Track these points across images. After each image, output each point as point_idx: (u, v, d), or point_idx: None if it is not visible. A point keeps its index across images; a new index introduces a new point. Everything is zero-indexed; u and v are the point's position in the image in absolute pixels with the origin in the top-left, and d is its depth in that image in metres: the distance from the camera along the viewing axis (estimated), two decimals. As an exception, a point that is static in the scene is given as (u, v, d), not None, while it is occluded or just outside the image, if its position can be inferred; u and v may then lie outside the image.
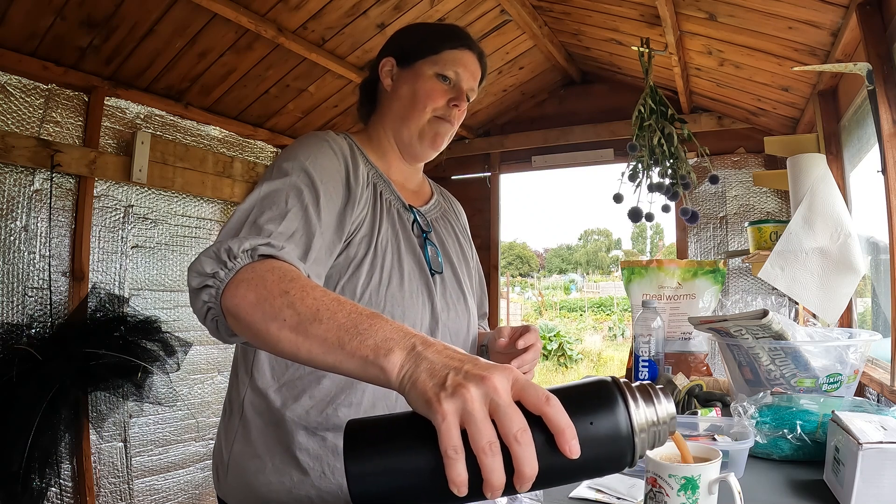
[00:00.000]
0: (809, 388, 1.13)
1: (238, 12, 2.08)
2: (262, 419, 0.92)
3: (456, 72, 1.05)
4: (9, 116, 2.07)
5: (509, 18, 2.68)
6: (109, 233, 2.39)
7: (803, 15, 1.82)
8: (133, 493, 2.38)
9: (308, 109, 2.94)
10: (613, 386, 0.52)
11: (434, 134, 1.06)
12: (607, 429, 0.50)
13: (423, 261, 1.00)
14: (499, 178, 3.78)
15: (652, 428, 0.52)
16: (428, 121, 1.05)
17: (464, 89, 1.07)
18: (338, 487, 0.90)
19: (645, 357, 1.43)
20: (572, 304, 21.21)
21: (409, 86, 1.05)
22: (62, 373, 1.97)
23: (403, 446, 0.50)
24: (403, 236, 0.99)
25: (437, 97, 1.04)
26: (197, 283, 0.71)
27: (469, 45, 1.09)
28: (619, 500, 0.79)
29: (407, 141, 1.06)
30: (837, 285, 1.83)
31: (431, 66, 1.05)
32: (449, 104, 1.05)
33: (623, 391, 0.51)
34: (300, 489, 0.89)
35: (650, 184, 1.99)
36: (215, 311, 0.71)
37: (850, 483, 0.73)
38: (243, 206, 0.80)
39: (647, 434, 0.52)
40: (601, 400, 0.51)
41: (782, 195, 2.98)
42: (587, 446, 0.49)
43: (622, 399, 0.51)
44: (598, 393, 0.52)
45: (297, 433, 0.90)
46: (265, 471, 0.90)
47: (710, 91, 2.87)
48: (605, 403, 0.51)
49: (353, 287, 0.91)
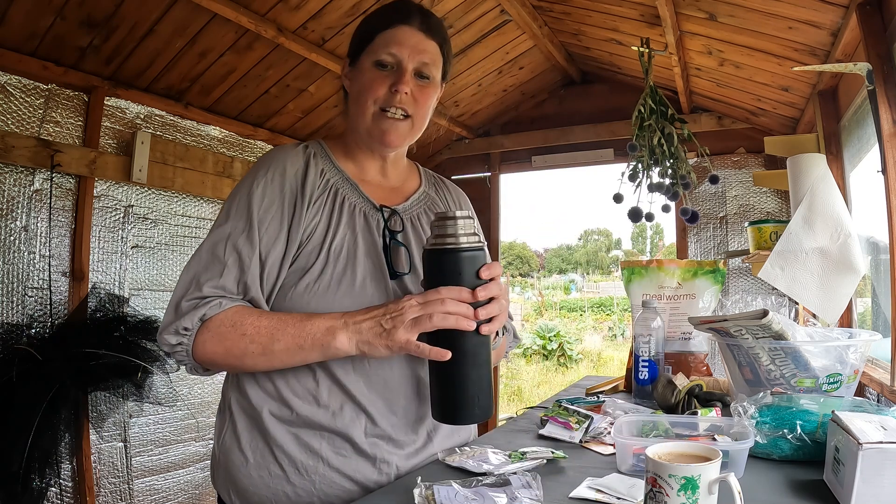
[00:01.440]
0: (809, 388, 1.13)
1: (238, 12, 2.08)
2: (245, 416, 0.96)
3: (391, 53, 0.97)
4: (9, 116, 2.07)
5: (509, 18, 2.68)
6: (109, 233, 2.39)
7: (803, 15, 1.82)
8: (133, 493, 2.38)
9: (308, 109, 2.94)
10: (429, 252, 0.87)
11: (381, 132, 0.99)
12: (450, 262, 0.85)
13: (384, 263, 0.97)
14: (499, 178, 3.78)
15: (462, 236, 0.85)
16: (372, 116, 0.99)
17: (407, 69, 0.97)
18: (311, 484, 0.92)
19: (645, 357, 1.43)
20: (572, 304, 21.21)
21: (355, 84, 1.02)
22: (62, 373, 1.97)
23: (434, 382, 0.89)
24: (364, 239, 0.98)
25: (376, 87, 0.97)
26: (168, 349, 0.92)
27: (402, 18, 0.99)
28: (619, 500, 0.79)
29: (365, 139, 1.03)
30: (837, 285, 1.83)
31: (369, 57, 0.99)
32: (391, 90, 0.97)
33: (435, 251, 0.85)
34: (277, 484, 0.93)
35: (650, 184, 1.99)
36: (190, 364, 0.92)
37: (850, 483, 0.73)
38: (191, 266, 0.94)
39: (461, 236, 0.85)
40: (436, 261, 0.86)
41: (782, 195, 2.98)
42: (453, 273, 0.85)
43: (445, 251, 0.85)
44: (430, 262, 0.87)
45: (273, 431, 0.93)
46: (247, 465, 0.94)
47: (710, 91, 2.87)
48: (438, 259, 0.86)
49: (301, 293, 0.93)
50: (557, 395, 1.63)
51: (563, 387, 2.09)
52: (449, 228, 0.84)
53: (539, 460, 0.93)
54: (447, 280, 0.84)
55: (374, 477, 0.94)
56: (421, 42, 0.99)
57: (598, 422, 1.13)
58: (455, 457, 0.95)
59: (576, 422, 1.12)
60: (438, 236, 0.85)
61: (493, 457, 0.95)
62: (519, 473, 0.85)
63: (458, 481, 0.82)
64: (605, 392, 1.62)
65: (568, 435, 1.10)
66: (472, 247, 0.85)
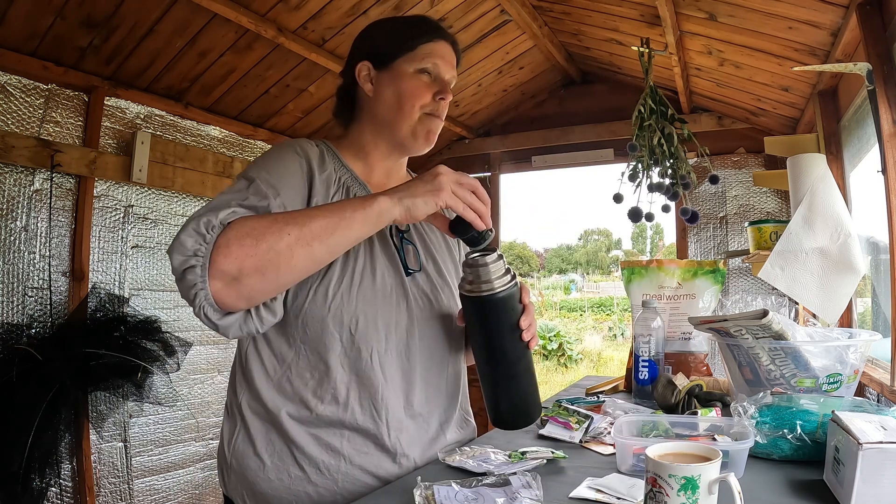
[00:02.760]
0: (809, 388, 1.13)
1: (238, 12, 2.08)
2: (259, 420, 0.96)
3: (435, 63, 1.04)
4: (9, 116, 2.07)
5: (509, 18, 2.68)
6: (109, 233, 2.39)
7: (803, 15, 1.82)
8: (133, 493, 2.38)
9: (308, 109, 2.94)
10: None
11: (427, 131, 1.05)
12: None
13: (398, 261, 1.01)
14: (499, 178, 3.78)
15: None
16: (419, 119, 1.04)
17: (446, 80, 1.06)
18: (333, 483, 0.92)
19: (645, 357, 1.43)
20: (572, 304, 21.22)
21: (392, 87, 1.04)
22: (62, 373, 1.97)
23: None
24: (378, 237, 1.00)
25: (423, 94, 1.03)
26: (179, 262, 0.77)
27: (442, 34, 1.08)
28: (619, 500, 0.79)
29: (401, 141, 1.06)
30: (837, 285, 1.83)
31: (410, 64, 1.04)
32: (435, 98, 1.04)
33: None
34: (298, 486, 0.92)
35: (650, 184, 1.99)
36: (203, 290, 0.77)
37: (850, 483, 0.73)
38: (205, 205, 0.86)
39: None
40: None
41: (782, 195, 2.98)
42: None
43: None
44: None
45: (291, 432, 0.93)
46: (264, 469, 0.93)
47: (710, 91, 2.87)
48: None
49: (324, 289, 0.94)
50: (557, 395, 1.63)
51: (563, 387, 2.09)
52: (484, 275, 0.89)
53: (539, 460, 0.93)
54: (498, 318, 0.92)
55: (395, 471, 0.95)
56: (453, 58, 1.09)
57: (598, 422, 1.13)
58: (455, 457, 0.95)
59: (576, 422, 1.13)
60: (473, 282, 0.90)
61: (493, 457, 0.95)
62: (519, 473, 0.85)
63: (458, 481, 0.82)
64: (605, 392, 1.62)
65: (568, 435, 1.10)
66: (510, 286, 0.91)
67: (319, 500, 0.92)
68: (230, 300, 0.80)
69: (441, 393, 1.04)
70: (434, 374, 1.03)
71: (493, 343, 0.93)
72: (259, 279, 0.79)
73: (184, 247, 0.77)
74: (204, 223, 0.78)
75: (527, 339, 0.92)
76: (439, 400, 1.04)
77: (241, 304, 0.82)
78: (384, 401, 0.95)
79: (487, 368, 0.96)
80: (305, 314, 0.93)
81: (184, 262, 0.77)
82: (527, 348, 0.94)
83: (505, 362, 0.94)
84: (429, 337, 1.02)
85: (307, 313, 0.93)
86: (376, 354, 0.95)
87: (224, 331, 0.83)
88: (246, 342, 0.99)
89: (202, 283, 0.77)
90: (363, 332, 0.95)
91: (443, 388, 1.05)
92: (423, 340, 1.01)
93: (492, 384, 0.96)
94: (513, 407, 0.97)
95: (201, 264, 0.77)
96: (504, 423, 0.99)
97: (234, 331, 0.85)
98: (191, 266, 0.77)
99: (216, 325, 0.82)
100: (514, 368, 0.95)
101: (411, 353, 0.99)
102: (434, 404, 1.03)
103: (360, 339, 0.94)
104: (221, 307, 0.80)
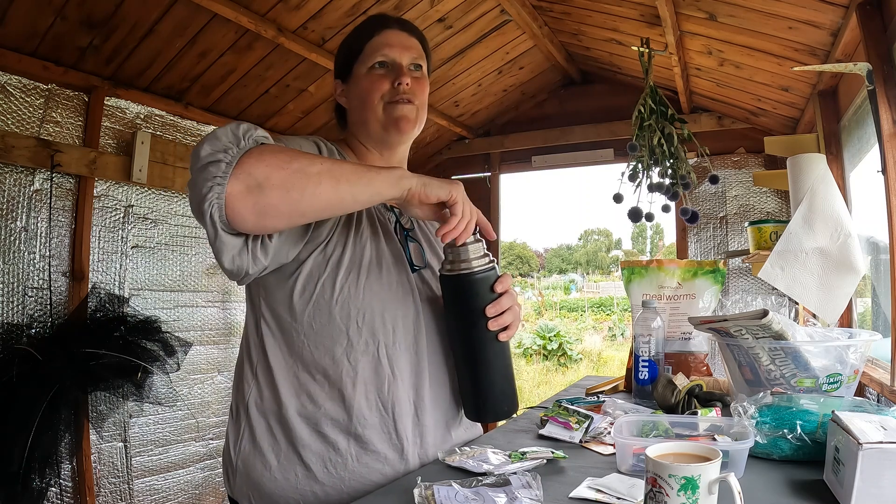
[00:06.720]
0: (809, 388, 1.13)
1: (238, 12, 2.07)
2: (266, 419, 0.96)
3: (384, 54, 1.05)
4: (9, 116, 2.07)
5: (509, 18, 2.68)
6: (109, 233, 2.39)
7: (803, 15, 1.82)
8: (133, 493, 2.38)
9: (308, 109, 2.94)
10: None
11: (395, 119, 1.04)
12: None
13: (404, 258, 1.02)
14: (499, 178, 3.78)
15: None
16: (383, 109, 1.04)
17: (403, 64, 1.05)
18: (340, 481, 0.92)
19: (645, 357, 1.43)
20: (572, 304, 21.20)
21: (354, 93, 1.08)
22: (62, 373, 1.97)
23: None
24: (384, 234, 1.02)
25: (379, 86, 1.04)
26: (207, 153, 0.74)
27: (387, 23, 1.08)
28: (619, 500, 0.79)
29: (377, 137, 1.08)
30: (837, 285, 1.83)
31: (363, 65, 1.06)
32: (393, 85, 1.04)
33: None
34: (305, 485, 0.92)
35: (650, 184, 1.99)
36: (220, 187, 0.73)
37: (850, 483, 0.73)
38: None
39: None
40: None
41: (782, 195, 2.97)
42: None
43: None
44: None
45: (299, 430, 0.93)
46: (271, 469, 0.94)
47: (710, 91, 2.87)
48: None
49: (332, 282, 0.94)
50: (557, 395, 1.63)
51: (563, 387, 2.09)
52: (461, 254, 0.93)
53: (539, 460, 0.93)
54: (465, 300, 0.94)
55: (401, 469, 0.96)
56: (406, 40, 1.08)
57: (598, 422, 1.13)
58: (455, 457, 0.95)
59: (576, 422, 1.13)
60: (452, 262, 0.93)
61: (493, 457, 0.95)
62: (519, 473, 0.85)
63: (458, 481, 0.82)
64: (605, 392, 1.62)
65: (568, 435, 1.10)
66: (484, 268, 0.93)
67: (326, 499, 0.92)
68: (243, 209, 0.75)
69: (448, 389, 1.05)
70: (443, 370, 1.03)
71: (459, 324, 0.95)
72: (281, 195, 0.76)
73: (218, 140, 0.75)
74: (243, 129, 0.78)
75: (493, 328, 0.93)
76: (448, 396, 1.04)
77: (249, 219, 0.77)
78: (391, 395, 0.95)
79: (456, 351, 0.97)
80: (312, 307, 0.94)
81: (211, 155, 0.74)
82: (496, 338, 0.94)
83: (470, 346, 0.95)
84: (435, 332, 1.03)
85: (314, 306, 0.94)
86: (384, 348, 0.96)
87: (220, 246, 0.79)
88: (252, 338, 0.99)
89: (222, 178, 0.73)
90: (370, 325, 0.95)
91: (450, 385, 1.05)
92: (430, 336, 1.02)
93: (458, 370, 0.98)
94: (476, 397, 0.97)
95: (228, 161, 0.74)
96: (469, 414, 1.00)
97: (227, 253, 0.80)
98: (217, 160, 0.74)
99: (216, 233, 0.77)
100: (479, 354, 0.95)
101: (420, 348, 1.00)
102: (443, 400, 1.03)
103: (367, 332, 0.95)
104: (229, 214, 0.75)
